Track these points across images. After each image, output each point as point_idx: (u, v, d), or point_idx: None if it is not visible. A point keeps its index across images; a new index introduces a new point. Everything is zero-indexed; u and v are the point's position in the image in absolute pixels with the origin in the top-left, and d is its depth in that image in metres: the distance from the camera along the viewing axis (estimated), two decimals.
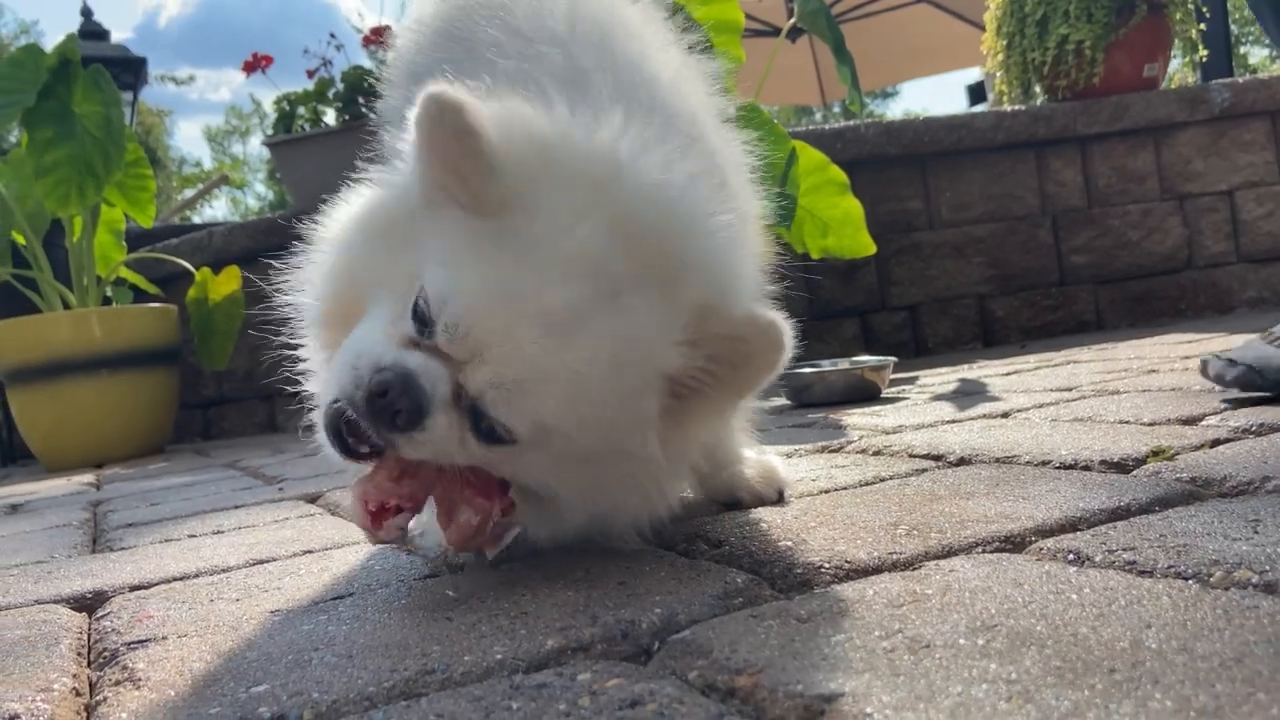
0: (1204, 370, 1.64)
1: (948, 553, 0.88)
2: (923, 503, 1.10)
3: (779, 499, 1.20)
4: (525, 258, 0.82)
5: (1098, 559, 0.81)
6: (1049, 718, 0.51)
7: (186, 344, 4.47)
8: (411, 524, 0.95)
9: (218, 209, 32.45)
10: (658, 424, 0.89)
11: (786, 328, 0.86)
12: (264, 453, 3.32)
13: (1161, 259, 4.52)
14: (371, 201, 0.94)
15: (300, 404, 1.12)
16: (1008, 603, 0.71)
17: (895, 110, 36.37)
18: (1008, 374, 2.65)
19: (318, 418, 0.90)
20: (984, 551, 0.88)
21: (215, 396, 5.01)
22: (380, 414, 0.82)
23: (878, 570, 0.85)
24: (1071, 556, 0.82)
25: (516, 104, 0.88)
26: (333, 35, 4.67)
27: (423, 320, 0.83)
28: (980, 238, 4.46)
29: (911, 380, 2.85)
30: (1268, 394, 1.52)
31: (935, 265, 4.43)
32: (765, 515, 1.12)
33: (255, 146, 37.85)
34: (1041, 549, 0.86)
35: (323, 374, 1.02)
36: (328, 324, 0.96)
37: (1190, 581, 0.72)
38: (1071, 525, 0.93)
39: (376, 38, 4.66)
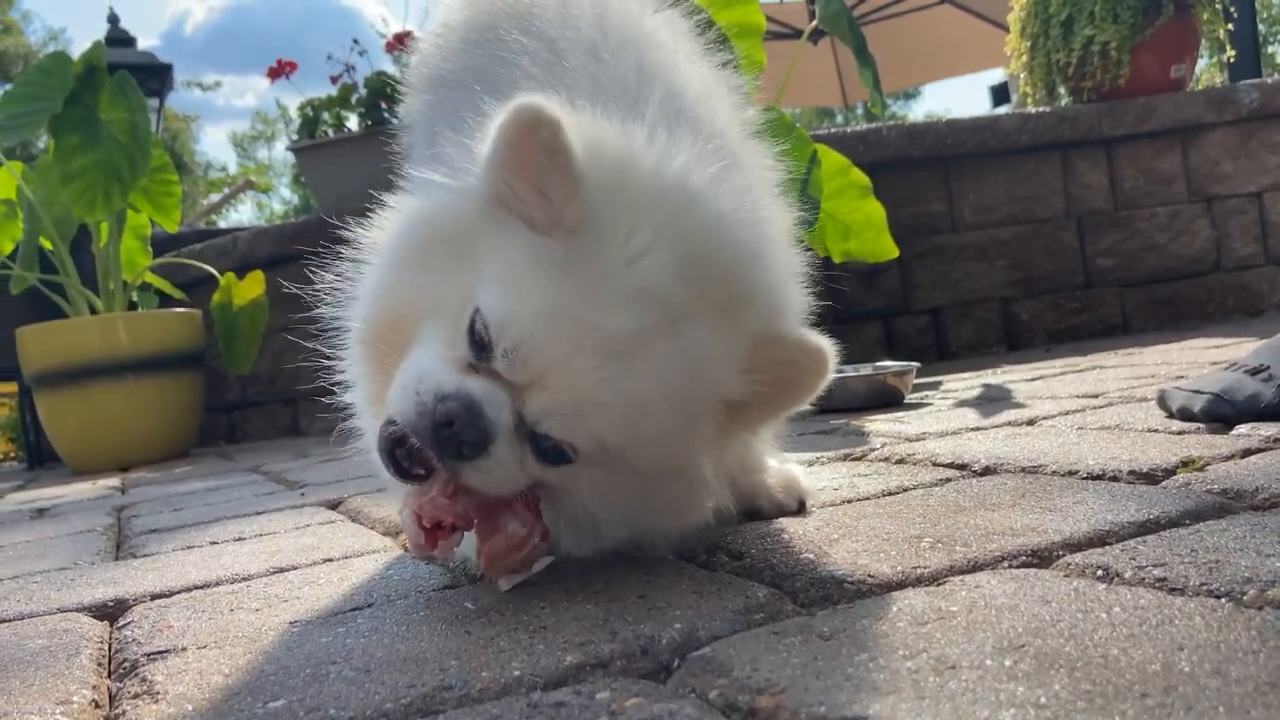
0: (1163, 402, 1.58)
1: (973, 567, 0.87)
2: (947, 514, 1.08)
3: (800, 509, 1.18)
4: (591, 283, 0.81)
5: (1127, 575, 0.79)
6: None
7: (211, 348, 4.50)
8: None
9: (243, 213, 32.76)
10: (711, 445, 0.91)
11: (832, 352, 0.88)
12: (287, 457, 3.34)
13: (1189, 261, 4.47)
14: (424, 212, 0.92)
15: (328, 410, 1.11)
16: (1035, 621, 0.69)
17: (917, 112, 36.22)
18: (1032, 379, 2.62)
19: (368, 435, 0.90)
20: (1010, 566, 0.86)
21: (239, 400, 5.05)
22: (446, 444, 0.82)
23: (902, 585, 0.84)
24: (1100, 573, 0.81)
25: (600, 122, 0.87)
26: (356, 41, 4.69)
27: (480, 345, 0.83)
28: (1004, 240, 4.42)
29: (934, 386, 2.83)
30: (1231, 424, 1.43)
31: (958, 268, 4.40)
32: (787, 526, 1.11)
33: (280, 151, 38.19)
34: (1070, 564, 0.84)
35: (363, 388, 1.00)
36: (375, 340, 0.94)
37: (1223, 600, 0.70)
38: (1100, 539, 0.92)
39: (399, 43, 4.68)
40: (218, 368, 4.60)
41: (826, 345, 0.88)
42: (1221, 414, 1.44)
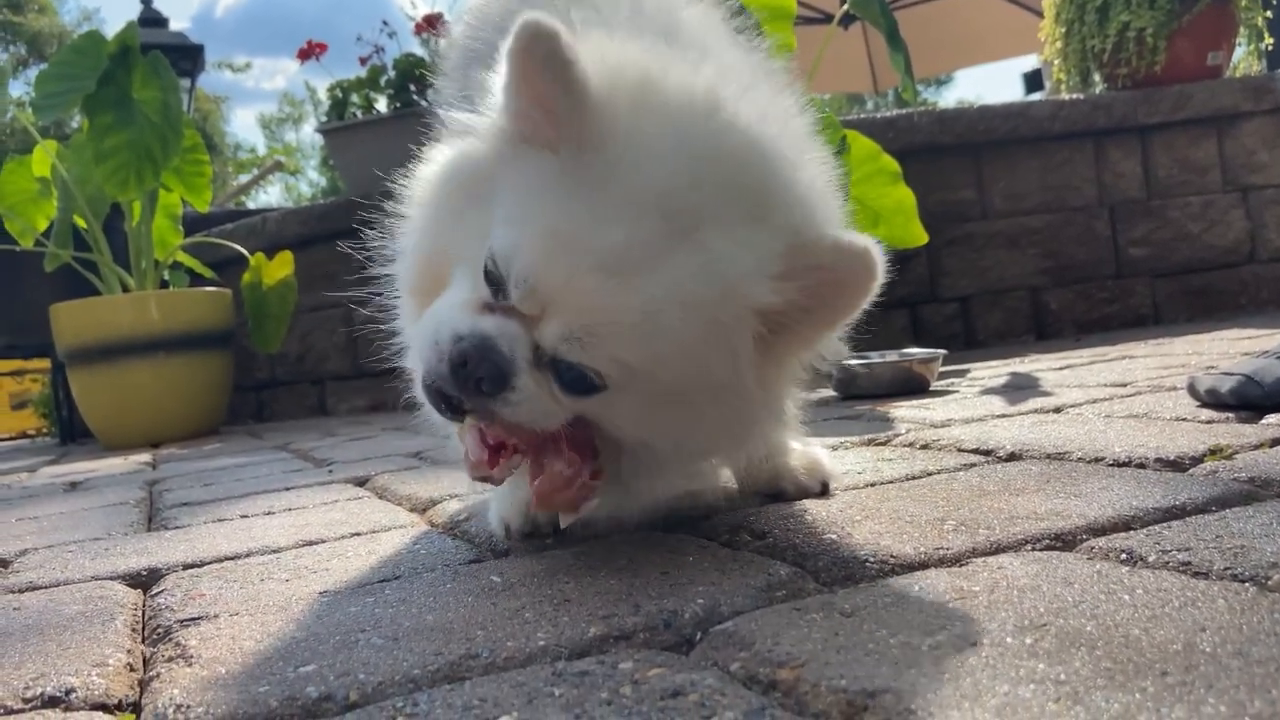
0: (1193, 390, 1.57)
1: (996, 549, 0.87)
2: (971, 498, 1.09)
3: (823, 491, 1.19)
4: (592, 198, 0.80)
5: (1151, 559, 0.79)
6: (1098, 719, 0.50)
7: (240, 327, 4.55)
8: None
9: (271, 195, 32.98)
10: (752, 358, 0.86)
11: (879, 253, 0.83)
12: (314, 436, 3.38)
13: (1223, 252, 4.41)
14: (454, 157, 0.92)
15: (355, 390, 1.13)
16: (1057, 602, 0.69)
17: (949, 99, 35.82)
18: (1061, 368, 2.60)
19: (418, 392, 0.90)
20: (1033, 549, 0.86)
21: (268, 379, 5.10)
22: (465, 383, 0.82)
23: (924, 566, 0.84)
24: (1124, 556, 0.81)
25: (621, 43, 0.86)
26: (385, 23, 4.71)
27: (495, 282, 0.83)
28: (1035, 229, 4.38)
29: (961, 373, 2.82)
30: (1264, 407, 1.42)
31: (988, 256, 4.36)
32: (810, 507, 1.12)
33: (308, 133, 38.35)
34: (1093, 548, 0.84)
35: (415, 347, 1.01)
36: (420, 293, 0.95)
37: (1247, 584, 0.70)
38: (1124, 524, 0.91)
39: (428, 25, 4.69)
40: (246, 347, 4.65)
41: (870, 245, 0.83)
42: (1250, 395, 1.43)
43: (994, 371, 2.73)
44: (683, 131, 0.82)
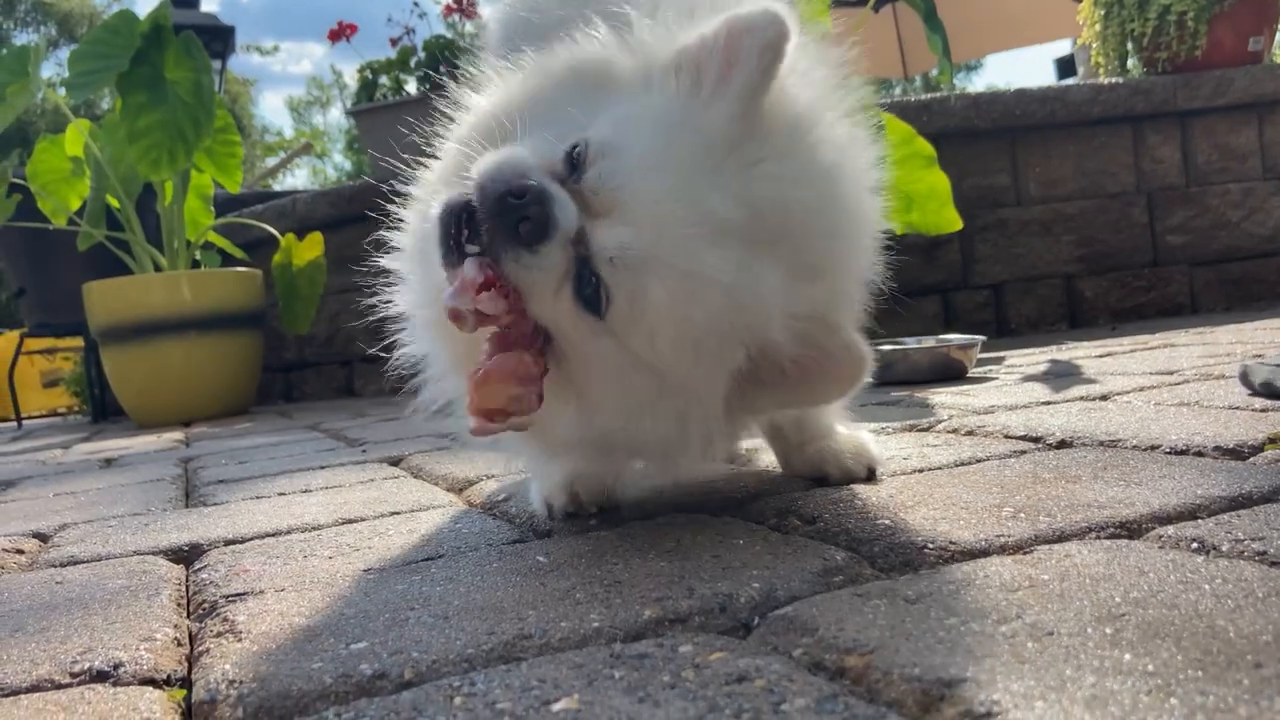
0: (1245, 378, 1.55)
1: (1060, 537, 0.84)
2: (1026, 485, 1.06)
3: (870, 476, 1.17)
4: (711, 165, 0.82)
5: (1224, 548, 0.76)
6: (1195, 714, 0.48)
7: (270, 308, 4.56)
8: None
9: (298, 178, 33.11)
10: (730, 379, 0.89)
11: (870, 365, 0.91)
12: (344, 416, 3.38)
13: (1262, 240, 4.33)
14: (594, 51, 0.93)
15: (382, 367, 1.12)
16: (1134, 591, 0.67)
17: (979, 84, 35.41)
18: (1101, 356, 2.56)
19: (435, 214, 0.85)
20: (1099, 537, 0.84)
21: (296, 360, 5.12)
22: (508, 214, 0.80)
23: (985, 553, 0.82)
24: (1196, 545, 0.78)
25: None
26: (416, 3, 4.69)
27: (574, 164, 0.83)
28: (1070, 215, 4.31)
29: (998, 361, 2.78)
30: None
31: (1021, 243, 4.31)
32: (859, 492, 1.09)
33: (335, 117, 38.49)
34: (1162, 536, 0.82)
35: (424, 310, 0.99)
36: (485, 129, 0.91)
37: None
38: (1190, 513, 0.89)
39: (458, 7, 4.67)
40: (276, 328, 4.66)
41: (868, 356, 0.90)
42: None
43: (1032, 359, 2.69)
44: (797, 161, 0.86)
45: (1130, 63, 4.56)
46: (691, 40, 0.88)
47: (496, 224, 0.81)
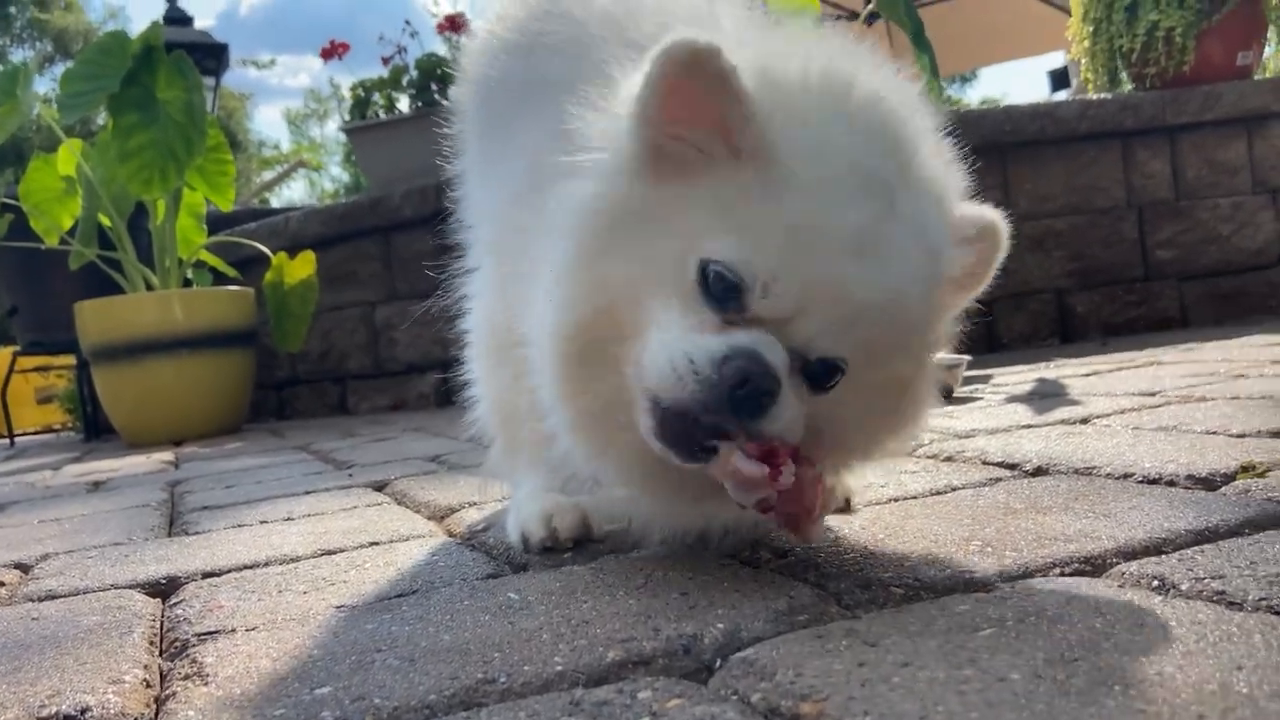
0: None
1: (1024, 573, 0.85)
2: (997, 516, 1.07)
3: (846, 507, 1.17)
4: (808, 190, 0.79)
5: (1184, 587, 0.77)
6: None
7: (262, 326, 4.57)
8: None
9: (295, 190, 33.17)
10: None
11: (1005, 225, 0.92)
12: (335, 436, 3.38)
13: (1252, 255, 4.35)
14: (587, 201, 0.86)
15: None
16: (1089, 634, 0.67)
17: (973, 96, 35.54)
18: (1087, 375, 2.57)
19: (646, 428, 0.82)
20: (1062, 573, 0.85)
21: (289, 378, 5.13)
22: (744, 403, 0.77)
23: (950, 591, 0.82)
24: (1156, 583, 0.79)
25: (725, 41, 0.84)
26: (408, 23, 4.71)
27: (724, 296, 0.79)
28: (1061, 231, 4.33)
29: (985, 379, 2.79)
30: None
31: (1012, 258, 4.21)
32: (832, 524, 1.10)
33: (332, 130, 38.55)
34: (1124, 574, 0.82)
35: (567, 407, 0.90)
36: (585, 344, 0.86)
37: None
38: (1156, 547, 0.89)
39: (451, 25, 4.69)
40: (268, 345, 4.67)
41: (1000, 218, 0.91)
42: None
43: (1019, 378, 2.70)
44: (840, 112, 0.83)
45: (1120, 78, 4.59)
46: (635, 123, 0.83)
47: (737, 414, 0.78)
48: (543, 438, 1.00)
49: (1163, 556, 0.86)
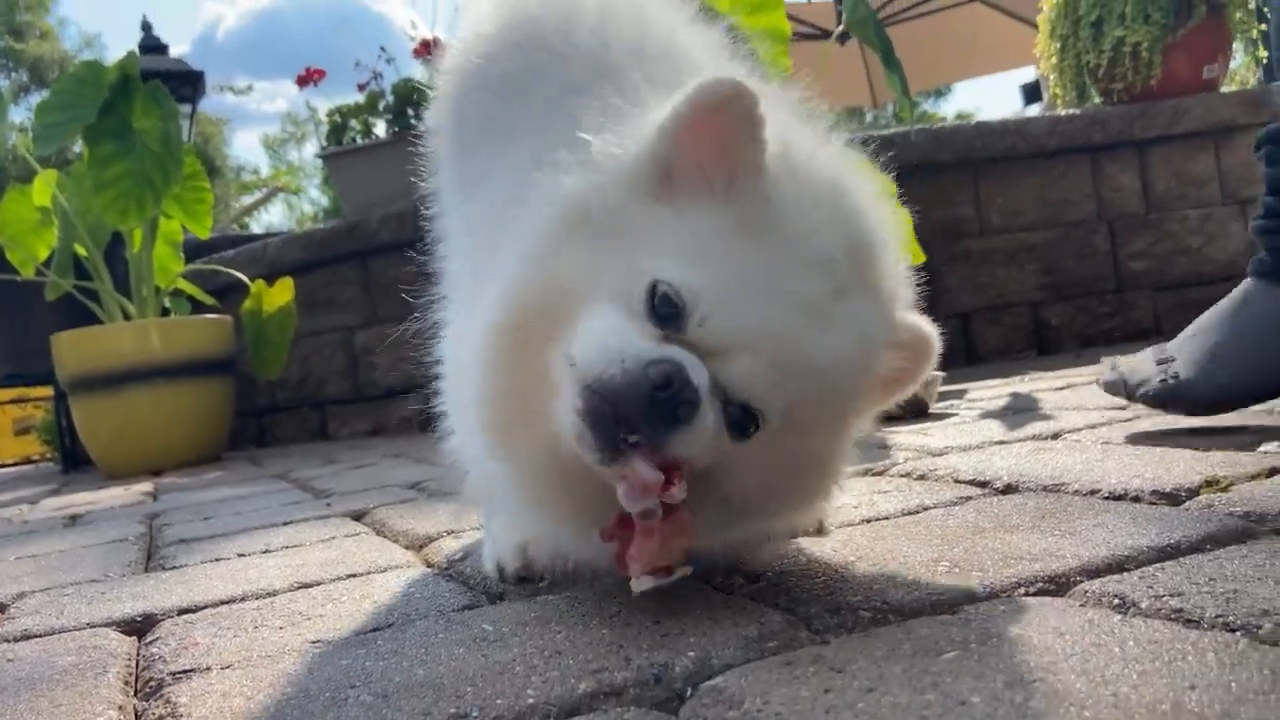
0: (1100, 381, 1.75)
1: (989, 594, 0.86)
2: (966, 536, 1.08)
3: (819, 529, 1.18)
4: (778, 250, 0.84)
5: (1144, 605, 0.78)
6: None
7: (241, 353, 4.56)
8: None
9: (274, 214, 33.03)
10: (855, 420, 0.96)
11: (938, 337, 0.96)
12: (315, 463, 3.37)
13: (1223, 265, 4.41)
14: (572, 193, 0.89)
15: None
16: (1048, 655, 0.69)
17: (947, 110, 35.90)
18: (1061, 388, 2.59)
19: (568, 416, 0.82)
20: (1027, 593, 0.86)
21: (269, 404, 5.11)
22: (662, 406, 0.79)
23: (916, 614, 0.84)
24: (1116, 601, 0.80)
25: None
26: (383, 49, 4.74)
27: (666, 315, 0.82)
28: (1033, 244, 4.38)
29: (961, 394, 2.81)
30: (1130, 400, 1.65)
31: (987, 272, 4.37)
32: (805, 547, 1.11)
33: (310, 153, 38.51)
34: (1087, 592, 0.84)
35: (489, 382, 0.92)
36: (517, 329, 0.89)
37: (1238, 634, 0.70)
38: (1119, 565, 0.91)
39: (427, 50, 4.71)
40: (247, 373, 4.66)
41: (932, 331, 0.95)
42: (1116, 392, 1.65)
43: (994, 392, 2.72)
44: (829, 203, 0.89)
45: (1088, 93, 4.65)
46: (660, 137, 0.87)
47: (653, 417, 0.79)
48: None
49: (1124, 574, 0.88)
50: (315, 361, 4.88)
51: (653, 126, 0.88)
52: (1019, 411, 2.18)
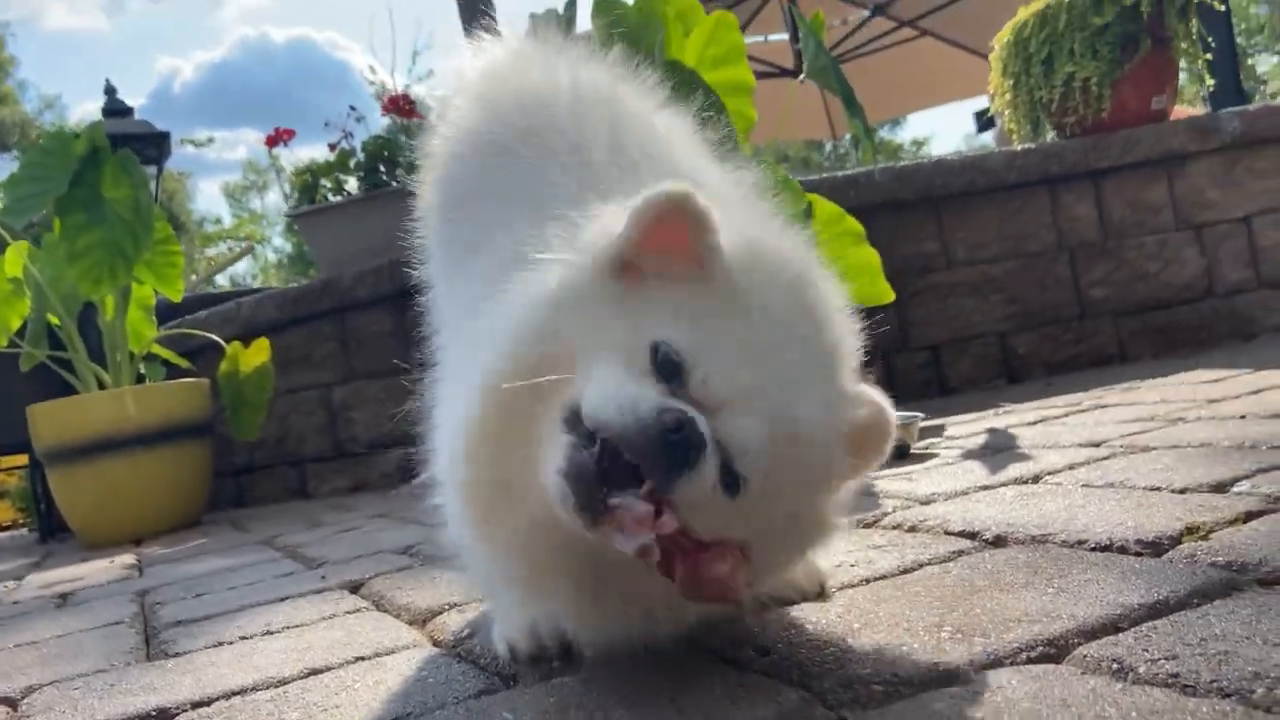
0: None
1: (994, 661, 0.90)
2: (964, 595, 1.12)
3: (820, 593, 1.22)
4: (753, 323, 0.92)
5: (1141, 670, 0.83)
6: None
7: (219, 414, 4.54)
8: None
9: (239, 264, 32.85)
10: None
11: (892, 412, 1.01)
12: (299, 526, 3.36)
13: (1181, 289, 4.53)
14: (562, 278, 0.96)
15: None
16: None
17: (902, 137, 36.55)
18: (1035, 422, 2.66)
19: (554, 469, 0.86)
20: (1029, 659, 0.90)
21: (246, 464, 5.08)
22: (674, 449, 0.83)
23: (926, 685, 0.87)
24: (1115, 667, 0.84)
25: (726, 207, 0.99)
26: (353, 108, 4.78)
27: (669, 373, 0.89)
28: (997, 276, 4.48)
29: (939, 431, 2.87)
30: None
31: (954, 305, 4.45)
32: (809, 614, 1.15)
33: (273, 200, 38.41)
34: (1085, 657, 0.88)
35: (485, 446, 0.95)
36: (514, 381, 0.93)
37: (1232, 699, 0.74)
38: (1113, 624, 0.95)
39: (395, 106, 4.76)
40: (224, 432, 4.63)
41: (887, 404, 1.01)
42: None
43: (971, 429, 2.78)
44: (795, 290, 0.97)
45: (1042, 127, 4.78)
46: (621, 241, 0.94)
47: (665, 460, 0.84)
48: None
49: (1120, 635, 0.92)
50: (293, 420, 4.87)
51: (614, 230, 0.95)
52: (999, 451, 2.23)
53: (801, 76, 3.56)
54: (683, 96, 1.44)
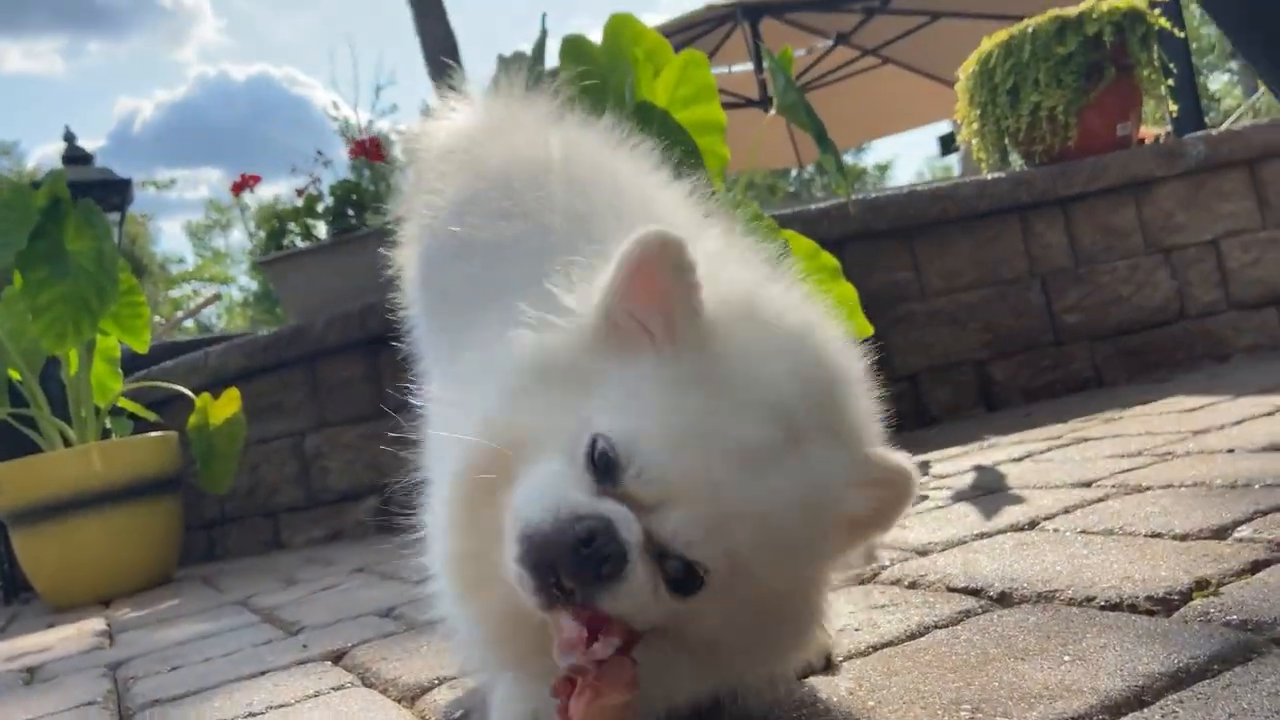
0: None
1: None
2: (978, 665, 1.09)
3: (827, 664, 1.18)
4: (719, 397, 0.85)
5: None
6: None
7: (189, 466, 4.44)
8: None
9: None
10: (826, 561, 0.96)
11: (915, 471, 0.95)
12: (275, 584, 3.28)
13: (1153, 312, 4.56)
14: (536, 345, 0.93)
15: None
16: None
17: (867, 161, 36.99)
18: (1021, 459, 2.64)
19: (510, 564, 0.84)
20: None
21: (218, 516, 4.97)
22: (585, 563, 0.80)
23: None
24: None
25: (718, 256, 0.95)
26: (320, 152, 4.73)
27: (604, 469, 0.83)
28: (972, 304, 4.49)
29: (925, 467, 2.85)
30: None
31: (930, 333, 4.46)
32: (820, 690, 1.11)
33: (237, 238, 38.19)
34: None
35: (454, 539, 0.95)
36: (477, 474, 0.92)
37: None
38: (1136, 698, 0.92)
39: (362, 150, 4.72)
40: (194, 484, 4.53)
41: (909, 464, 0.94)
42: None
43: (956, 465, 2.76)
44: (787, 353, 0.91)
45: (1010, 156, 4.82)
46: (605, 293, 0.90)
47: (578, 573, 0.80)
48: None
49: (1145, 711, 0.89)
50: (265, 470, 4.78)
51: (598, 285, 0.92)
52: (989, 492, 2.21)
53: (772, 110, 3.57)
54: (654, 137, 1.41)
